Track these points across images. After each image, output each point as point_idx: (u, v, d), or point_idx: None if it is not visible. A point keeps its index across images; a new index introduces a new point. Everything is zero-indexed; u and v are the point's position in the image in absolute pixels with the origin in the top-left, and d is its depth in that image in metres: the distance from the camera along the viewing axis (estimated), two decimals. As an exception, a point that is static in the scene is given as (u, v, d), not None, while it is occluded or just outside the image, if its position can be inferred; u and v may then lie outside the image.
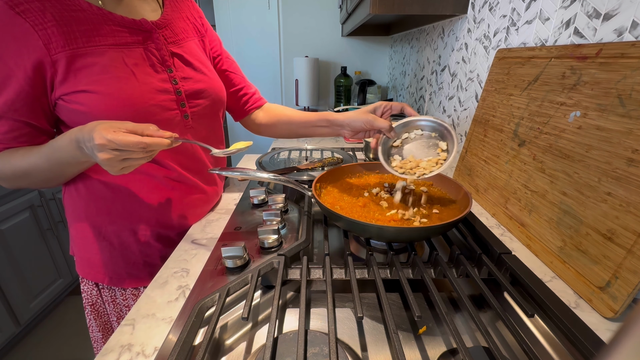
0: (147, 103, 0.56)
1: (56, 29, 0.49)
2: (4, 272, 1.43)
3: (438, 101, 1.24)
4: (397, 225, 0.52)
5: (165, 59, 0.59)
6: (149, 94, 0.56)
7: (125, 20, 0.55)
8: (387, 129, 0.63)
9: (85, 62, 0.51)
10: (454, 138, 0.59)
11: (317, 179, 0.63)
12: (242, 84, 0.81)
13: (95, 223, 0.64)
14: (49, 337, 1.63)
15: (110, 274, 0.66)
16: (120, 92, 0.54)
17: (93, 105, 0.52)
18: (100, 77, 0.52)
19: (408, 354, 0.40)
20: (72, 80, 0.51)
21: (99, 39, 0.53)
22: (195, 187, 0.69)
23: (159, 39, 0.59)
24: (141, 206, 0.63)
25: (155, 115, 0.58)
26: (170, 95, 0.59)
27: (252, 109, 0.83)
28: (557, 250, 0.53)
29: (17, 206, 1.49)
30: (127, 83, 0.54)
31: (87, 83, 0.52)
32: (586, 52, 0.52)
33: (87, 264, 0.66)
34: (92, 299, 0.70)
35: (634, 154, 0.43)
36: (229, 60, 0.79)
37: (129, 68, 0.55)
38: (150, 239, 0.66)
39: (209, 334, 0.37)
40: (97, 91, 0.52)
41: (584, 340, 0.36)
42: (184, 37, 0.64)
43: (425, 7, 0.98)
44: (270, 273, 0.50)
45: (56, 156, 0.51)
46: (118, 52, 0.54)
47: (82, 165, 0.55)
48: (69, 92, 0.52)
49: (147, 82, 0.57)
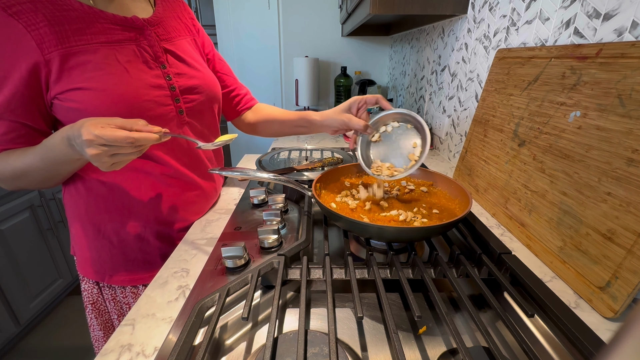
0: (142, 98, 0.56)
1: (48, 28, 0.50)
2: (4, 272, 1.43)
3: (438, 101, 1.24)
4: (397, 225, 0.52)
5: (158, 55, 0.60)
6: (143, 89, 0.57)
7: (117, 17, 0.56)
8: (362, 128, 0.64)
9: (79, 60, 0.52)
10: (426, 133, 0.60)
11: (317, 179, 0.63)
12: (234, 85, 0.83)
13: (94, 221, 0.64)
14: (49, 337, 1.63)
15: (110, 272, 0.66)
16: (114, 88, 0.54)
17: (87, 103, 0.53)
18: (93, 74, 0.52)
19: (408, 354, 0.40)
20: (66, 78, 0.52)
21: (91, 37, 0.53)
22: (192, 183, 0.69)
23: (151, 35, 0.59)
24: (139, 204, 0.64)
25: (150, 110, 0.58)
26: (164, 90, 0.60)
27: (243, 109, 0.85)
28: (557, 250, 0.53)
29: (17, 206, 1.49)
30: (120, 79, 0.54)
31: (81, 80, 0.52)
32: (586, 52, 0.52)
33: (88, 263, 0.67)
34: (93, 298, 0.70)
35: (634, 154, 0.43)
36: (221, 62, 0.80)
37: (121, 65, 0.55)
38: (149, 236, 0.66)
39: (209, 334, 0.37)
40: (91, 88, 0.52)
41: (584, 340, 0.36)
42: (176, 35, 0.65)
43: (425, 7, 0.98)
44: (270, 273, 0.50)
45: (50, 155, 0.51)
46: (111, 50, 0.55)
47: (76, 163, 0.55)
48: (63, 91, 0.52)
49: (140, 78, 0.57)
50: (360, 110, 0.68)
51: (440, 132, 1.20)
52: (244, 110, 0.85)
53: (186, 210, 0.69)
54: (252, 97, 0.87)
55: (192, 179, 0.69)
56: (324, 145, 1.28)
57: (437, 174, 0.67)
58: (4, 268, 1.43)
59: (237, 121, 0.87)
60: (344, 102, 0.70)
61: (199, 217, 0.72)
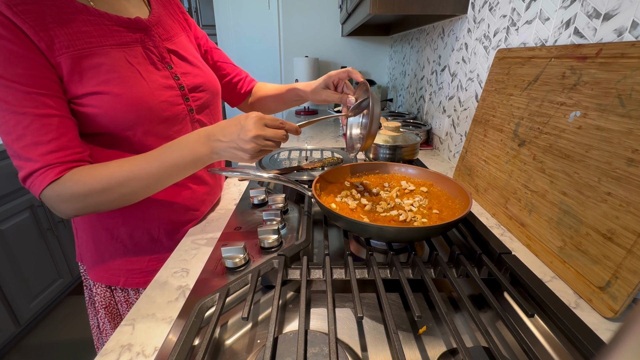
0: (157, 100, 0.57)
1: (57, 30, 0.48)
2: (4, 272, 1.43)
3: (438, 101, 1.24)
4: (397, 225, 0.52)
5: (163, 56, 0.60)
6: (157, 91, 0.57)
7: (121, 19, 0.55)
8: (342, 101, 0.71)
9: (91, 62, 0.51)
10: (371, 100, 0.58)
11: (317, 179, 0.63)
12: (235, 71, 0.85)
13: (107, 226, 0.63)
14: (49, 337, 1.63)
15: (125, 275, 0.66)
16: (132, 91, 0.53)
17: (107, 107, 0.52)
18: (108, 77, 0.52)
19: (408, 354, 0.40)
20: (80, 82, 0.50)
21: (101, 40, 0.52)
22: (200, 179, 0.70)
23: (154, 36, 0.59)
24: (152, 204, 0.64)
25: (165, 111, 0.58)
26: (175, 90, 0.60)
27: (247, 92, 0.88)
28: (557, 250, 0.53)
29: (17, 206, 1.49)
30: (135, 82, 0.54)
31: (96, 84, 0.51)
32: (586, 52, 0.52)
33: (100, 268, 0.66)
34: (106, 302, 0.70)
35: (634, 154, 0.43)
36: (218, 51, 0.82)
37: (134, 67, 0.55)
38: (163, 236, 0.66)
39: (209, 334, 0.37)
40: (108, 92, 0.52)
41: (584, 340, 0.36)
42: (175, 33, 0.65)
43: (425, 7, 0.98)
44: (270, 273, 0.50)
45: (172, 157, 0.52)
46: (120, 52, 0.54)
47: (196, 164, 0.54)
48: (79, 95, 0.51)
49: (152, 79, 0.57)
50: (338, 85, 0.72)
51: (440, 132, 1.20)
52: (248, 93, 0.88)
53: (196, 207, 0.70)
54: (252, 79, 0.90)
55: (201, 176, 0.69)
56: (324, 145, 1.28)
57: (437, 174, 0.67)
58: (4, 268, 1.43)
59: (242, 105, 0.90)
60: (320, 79, 0.74)
61: (206, 213, 0.73)
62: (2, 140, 0.48)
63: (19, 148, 0.48)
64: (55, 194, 0.49)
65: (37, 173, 0.48)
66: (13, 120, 0.47)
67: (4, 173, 1.43)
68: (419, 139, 0.94)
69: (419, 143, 0.94)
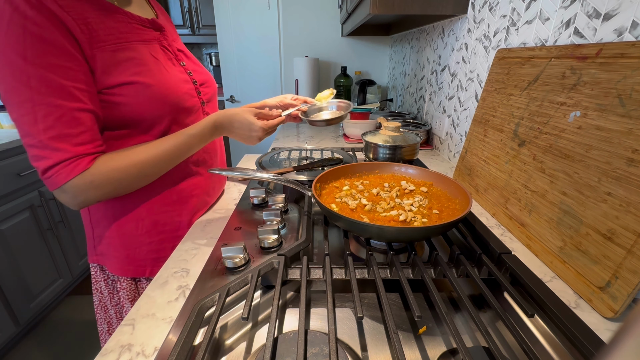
0: (181, 91, 0.62)
1: (95, 25, 0.51)
2: (4, 272, 1.43)
3: (438, 101, 1.24)
4: (397, 225, 0.52)
5: (176, 54, 0.66)
6: (179, 83, 0.62)
7: (142, 19, 0.60)
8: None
9: (124, 56, 0.54)
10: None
11: (317, 179, 0.63)
12: None
13: (131, 218, 0.64)
14: (49, 337, 1.63)
15: (151, 264, 0.67)
16: (161, 81, 0.58)
17: (139, 96, 0.56)
18: (139, 69, 0.56)
19: (408, 354, 0.40)
20: (112, 73, 0.53)
21: (128, 36, 0.56)
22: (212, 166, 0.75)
23: (167, 36, 0.65)
24: (173, 193, 0.67)
25: (186, 102, 0.63)
26: (190, 84, 0.66)
27: None
28: (557, 250, 0.53)
29: (17, 206, 1.49)
30: (161, 74, 0.59)
31: (130, 75, 0.54)
32: (586, 52, 0.52)
33: (126, 262, 0.66)
34: (132, 295, 0.70)
35: (634, 154, 0.43)
36: None
37: (159, 61, 0.60)
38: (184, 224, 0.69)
39: (209, 334, 0.37)
40: (141, 82, 0.55)
41: (584, 340, 0.36)
42: (176, 36, 0.71)
43: (425, 7, 0.98)
44: (270, 273, 0.50)
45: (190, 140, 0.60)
46: (145, 48, 0.58)
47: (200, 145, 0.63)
48: (112, 85, 0.53)
49: (174, 73, 0.62)
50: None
51: (440, 132, 1.20)
52: None
53: (210, 194, 0.75)
54: None
55: (211, 165, 0.75)
56: (324, 145, 1.28)
57: (437, 174, 0.67)
58: (4, 268, 1.43)
59: None
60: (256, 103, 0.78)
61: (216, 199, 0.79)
62: (24, 129, 0.48)
63: (46, 139, 0.48)
64: (88, 181, 0.51)
65: (66, 162, 0.50)
66: (43, 110, 0.47)
67: (4, 173, 1.43)
68: (419, 139, 0.94)
69: (419, 143, 0.94)
